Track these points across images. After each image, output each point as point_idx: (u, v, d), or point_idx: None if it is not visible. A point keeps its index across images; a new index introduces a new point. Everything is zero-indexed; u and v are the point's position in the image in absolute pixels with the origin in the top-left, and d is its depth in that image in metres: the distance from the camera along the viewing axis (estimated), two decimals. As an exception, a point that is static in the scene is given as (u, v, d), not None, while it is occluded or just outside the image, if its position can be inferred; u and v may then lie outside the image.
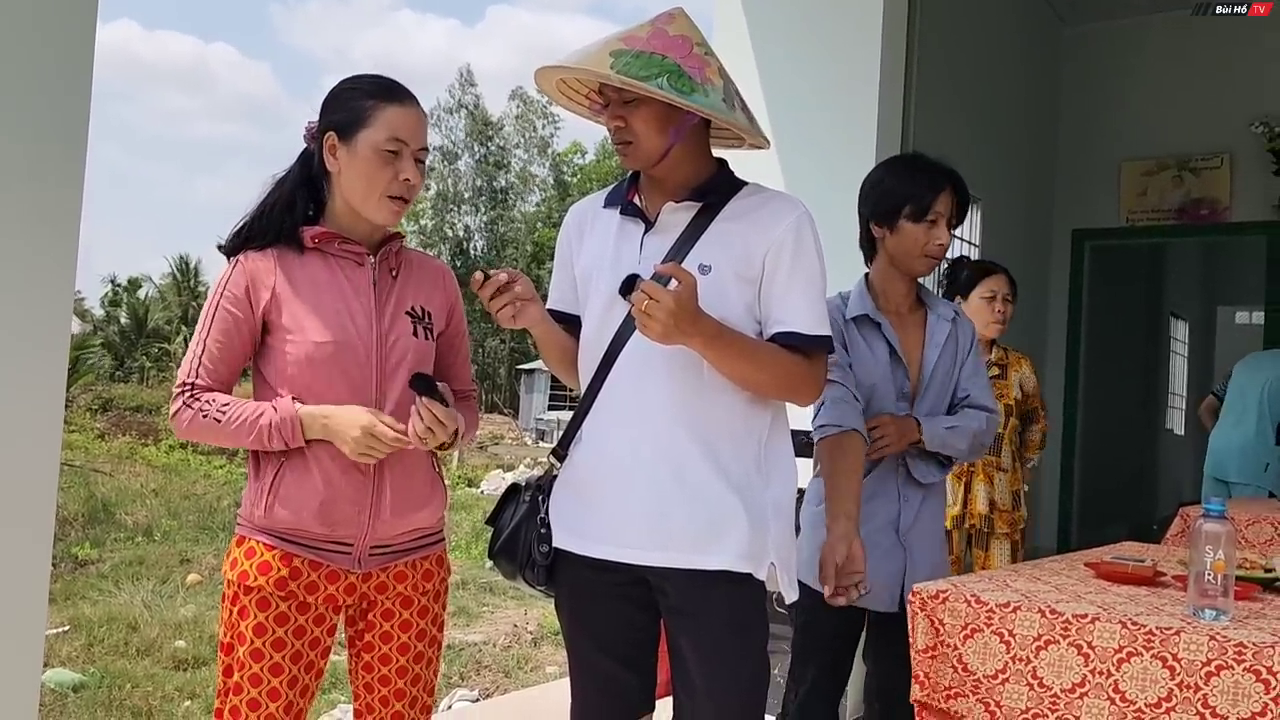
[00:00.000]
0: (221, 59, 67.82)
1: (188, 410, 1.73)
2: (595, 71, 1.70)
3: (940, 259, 2.31)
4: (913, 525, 2.32)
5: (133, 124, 67.72)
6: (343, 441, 1.71)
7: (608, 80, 1.72)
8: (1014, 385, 3.57)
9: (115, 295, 35.13)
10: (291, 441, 1.71)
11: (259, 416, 1.71)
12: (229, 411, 1.72)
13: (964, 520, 3.48)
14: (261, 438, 1.70)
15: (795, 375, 1.80)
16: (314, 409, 1.72)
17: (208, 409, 1.72)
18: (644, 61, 1.69)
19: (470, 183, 34.46)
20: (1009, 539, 3.54)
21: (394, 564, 1.82)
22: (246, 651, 1.70)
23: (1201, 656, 1.62)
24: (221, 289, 1.77)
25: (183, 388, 1.75)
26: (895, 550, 2.29)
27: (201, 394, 1.74)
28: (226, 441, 1.74)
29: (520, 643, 6.19)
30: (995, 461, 3.50)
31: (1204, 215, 6.43)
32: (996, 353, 3.60)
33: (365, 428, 1.69)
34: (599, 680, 1.92)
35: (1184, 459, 9.88)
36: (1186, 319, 10.18)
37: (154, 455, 13.69)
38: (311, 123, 1.83)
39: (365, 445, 1.70)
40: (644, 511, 1.77)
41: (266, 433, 1.70)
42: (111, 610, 6.18)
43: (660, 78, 1.68)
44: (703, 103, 1.71)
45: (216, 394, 1.75)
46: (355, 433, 1.69)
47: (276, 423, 1.70)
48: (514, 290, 1.75)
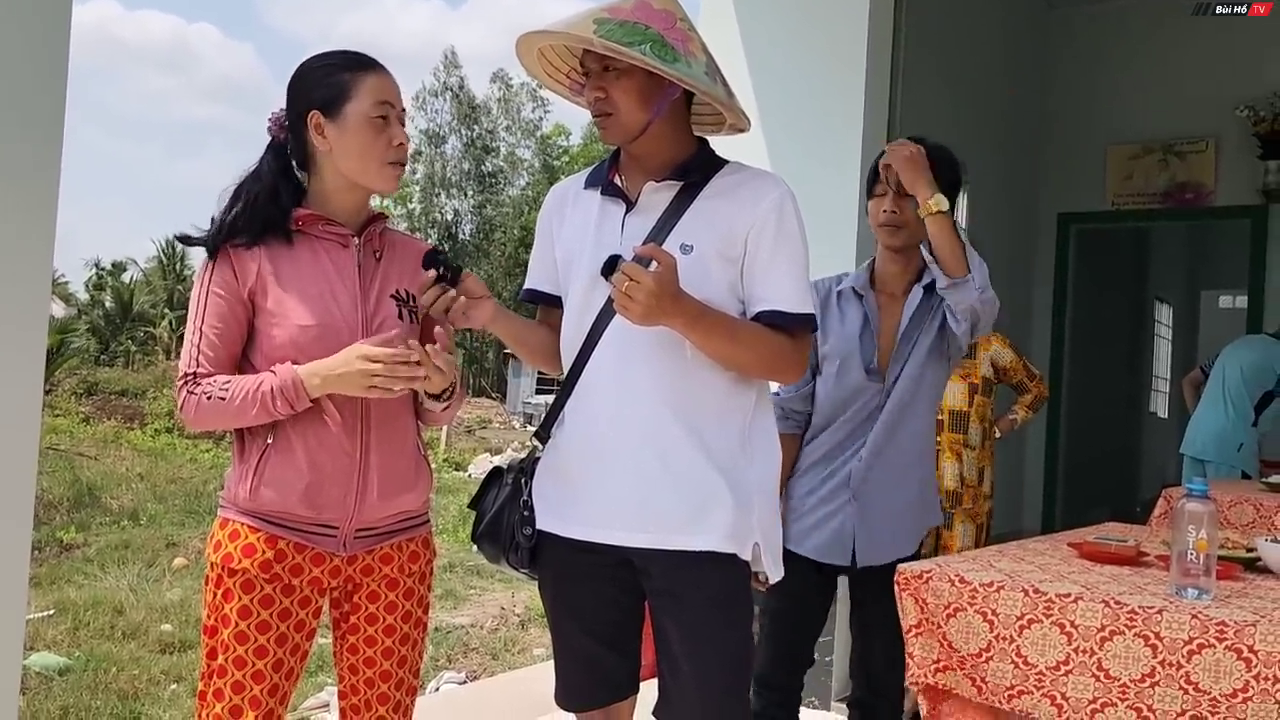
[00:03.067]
0: (203, 39, 67.22)
1: (192, 398, 1.70)
2: (578, 36, 1.69)
3: (890, 229, 2.37)
4: (865, 480, 2.34)
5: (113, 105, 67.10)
6: (349, 383, 1.67)
7: (590, 45, 1.71)
8: (982, 363, 3.60)
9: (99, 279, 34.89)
10: (297, 403, 1.68)
11: (259, 386, 1.67)
12: (230, 389, 1.68)
13: None
14: (267, 406, 1.67)
15: (779, 354, 1.80)
16: (310, 365, 1.69)
17: (210, 390, 1.69)
18: (627, 29, 1.69)
19: (458, 166, 34.28)
20: (973, 521, 3.56)
21: (379, 546, 1.81)
22: (231, 634, 1.69)
23: (1184, 635, 1.63)
24: (209, 275, 1.74)
25: (185, 379, 1.72)
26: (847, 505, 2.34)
27: (202, 379, 1.71)
28: (236, 420, 1.70)
29: (507, 625, 6.20)
30: (962, 439, 3.52)
31: (1189, 199, 6.46)
32: None
33: (361, 355, 1.66)
34: (583, 662, 1.92)
35: (1167, 441, 9.92)
36: (1170, 302, 10.22)
37: (139, 439, 13.62)
38: (278, 113, 1.81)
39: (369, 372, 1.65)
40: (628, 493, 1.77)
41: (270, 399, 1.67)
42: (97, 594, 6.16)
43: (643, 44, 1.68)
44: (685, 72, 1.71)
45: (216, 375, 1.72)
46: (354, 366, 1.65)
47: (278, 386, 1.67)
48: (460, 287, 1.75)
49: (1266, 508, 3.30)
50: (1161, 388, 10.17)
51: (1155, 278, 9.50)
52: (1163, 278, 9.67)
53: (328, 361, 1.69)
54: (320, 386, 1.68)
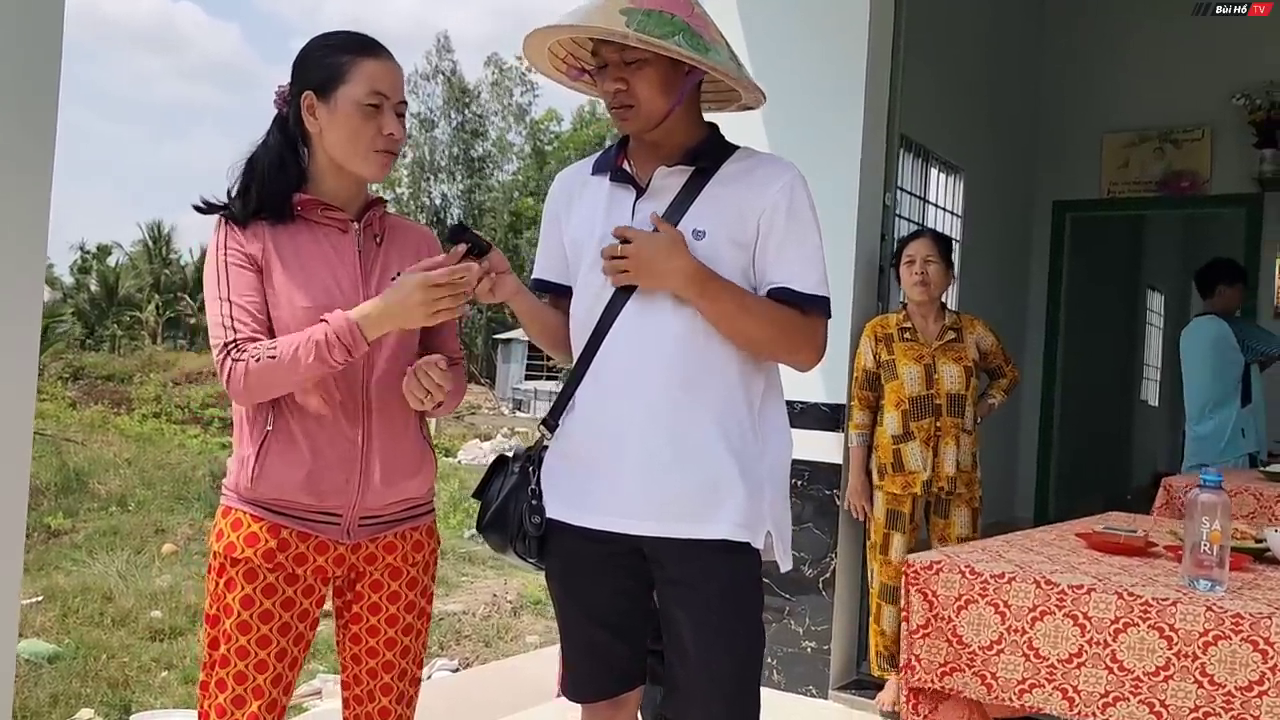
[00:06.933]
0: (189, 19, 66.68)
1: (239, 364, 1.62)
2: (612, 30, 1.65)
3: None
4: None
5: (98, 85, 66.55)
6: (411, 315, 1.64)
7: (624, 40, 1.66)
8: (970, 347, 3.59)
9: (85, 262, 34.68)
10: (355, 348, 1.62)
11: (311, 336, 1.62)
12: (280, 346, 1.62)
13: (931, 485, 3.49)
14: (323, 354, 1.60)
15: (793, 331, 1.77)
16: (360, 308, 1.65)
17: (258, 352, 1.62)
18: (657, 20, 1.66)
19: (447, 151, 34.11)
20: (969, 506, 3.56)
21: (383, 535, 1.78)
22: (234, 624, 1.66)
23: (1199, 627, 1.62)
24: (223, 247, 1.70)
25: (225, 348, 1.64)
26: None
27: (246, 344, 1.64)
28: (289, 379, 1.63)
29: (500, 612, 6.19)
30: (960, 423, 3.51)
31: (1184, 187, 6.45)
32: (950, 317, 3.63)
33: (420, 283, 1.62)
34: (592, 652, 1.90)
35: (1158, 429, 9.99)
36: (1162, 291, 10.24)
37: (127, 425, 13.55)
38: (282, 86, 1.77)
39: (434, 297, 1.62)
40: (641, 480, 1.75)
41: (326, 347, 1.61)
42: (86, 580, 6.12)
43: (675, 36, 1.66)
44: (718, 61, 1.70)
45: (260, 339, 1.66)
46: (416, 295, 1.62)
47: (334, 333, 1.61)
48: (488, 262, 1.73)
49: (1267, 497, 3.30)
50: (1153, 376, 10.19)
51: (1148, 266, 9.51)
52: (1155, 265, 9.68)
53: (381, 300, 1.65)
54: (377, 325, 1.64)
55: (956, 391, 3.51)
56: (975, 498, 3.58)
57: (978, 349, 3.62)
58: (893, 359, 3.56)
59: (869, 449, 3.62)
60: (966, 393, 3.53)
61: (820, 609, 3.64)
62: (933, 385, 3.52)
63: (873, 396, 3.61)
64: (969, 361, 3.56)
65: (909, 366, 3.53)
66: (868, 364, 3.60)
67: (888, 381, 3.57)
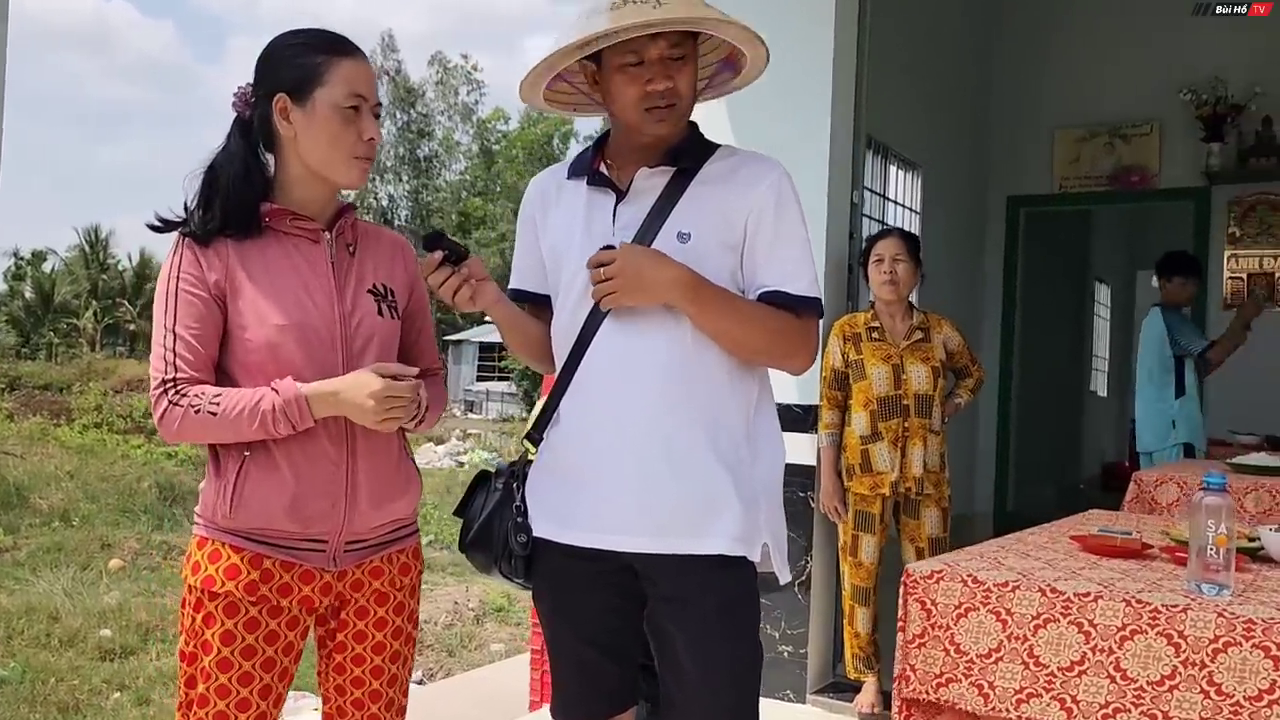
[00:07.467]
0: (121, 17, 65.13)
1: (176, 409, 1.55)
2: (731, 22, 1.67)
3: None
4: None
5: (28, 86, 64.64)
6: (359, 414, 1.57)
7: (747, 27, 1.69)
8: (938, 347, 3.59)
9: (19, 269, 33.72)
10: (300, 424, 1.56)
11: (259, 402, 1.55)
12: (223, 402, 1.55)
13: (899, 485, 3.47)
14: (267, 424, 1.54)
15: (786, 334, 1.72)
16: (319, 385, 1.57)
17: (198, 403, 1.55)
18: (716, 11, 1.68)
19: (393, 151, 33.69)
20: (938, 506, 3.55)
21: (370, 559, 1.70)
22: (213, 661, 1.57)
23: (1209, 633, 1.59)
24: (176, 271, 1.60)
25: (163, 385, 1.57)
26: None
27: (186, 388, 1.57)
28: (225, 436, 1.57)
29: (462, 620, 6.09)
30: (927, 424, 3.50)
31: (1134, 181, 6.53)
32: (918, 316, 3.62)
33: (377, 394, 1.56)
34: (582, 672, 1.84)
35: (1106, 420, 10.16)
36: (1109, 283, 10.40)
37: (67, 436, 13.14)
38: (243, 87, 1.67)
39: (384, 411, 1.56)
40: (632, 494, 1.68)
41: (271, 418, 1.54)
42: (30, 600, 5.92)
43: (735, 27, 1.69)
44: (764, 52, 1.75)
45: (204, 385, 1.58)
46: (369, 403, 1.55)
47: (281, 405, 1.54)
48: (466, 269, 1.67)
49: (1234, 490, 3.32)
50: (1101, 367, 10.34)
51: (1097, 258, 9.65)
52: (1104, 258, 9.83)
53: (338, 387, 1.58)
54: (328, 408, 1.58)
55: (924, 392, 3.50)
56: (944, 497, 3.58)
57: (945, 349, 3.62)
58: (861, 359, 3.54)
59: (839, 449, 3.59)
60: (934, 393, 3.52)
61: (796, 613, 3.60)
62: (901, 386, 3.50)
63: (841, 396, 3.59)
64: (936, 362, 3.55)
65: (877, 367, 3.51)
66: (836, 364, 3.58)
67: (856, 381, 3.55)
